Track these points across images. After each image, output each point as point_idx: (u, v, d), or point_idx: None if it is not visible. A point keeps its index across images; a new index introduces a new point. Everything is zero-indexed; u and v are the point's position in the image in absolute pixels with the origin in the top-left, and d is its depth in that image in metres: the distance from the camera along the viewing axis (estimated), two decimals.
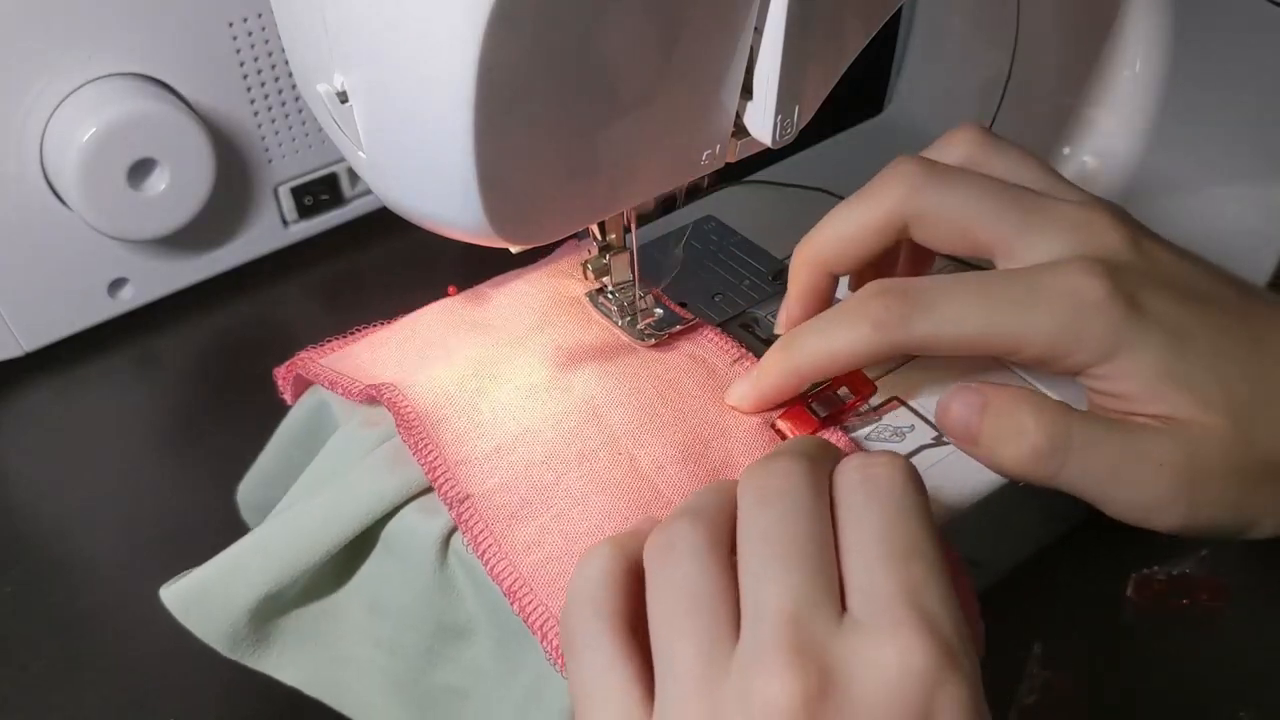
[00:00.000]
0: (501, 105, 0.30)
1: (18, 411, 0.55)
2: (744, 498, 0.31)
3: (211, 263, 0.60)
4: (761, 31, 0.34)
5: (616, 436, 0.39)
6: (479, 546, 0.36)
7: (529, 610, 0.35)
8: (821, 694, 0.27)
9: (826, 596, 0.29)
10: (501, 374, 0.41)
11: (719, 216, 0.51)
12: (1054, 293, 0.35)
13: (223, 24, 0.54)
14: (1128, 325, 0.35)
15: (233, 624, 0.38)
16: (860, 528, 0.30)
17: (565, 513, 0.37)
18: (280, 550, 0.38)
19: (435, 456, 0.38)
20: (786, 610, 0.28)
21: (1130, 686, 0.41)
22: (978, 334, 0.36)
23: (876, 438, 0.40)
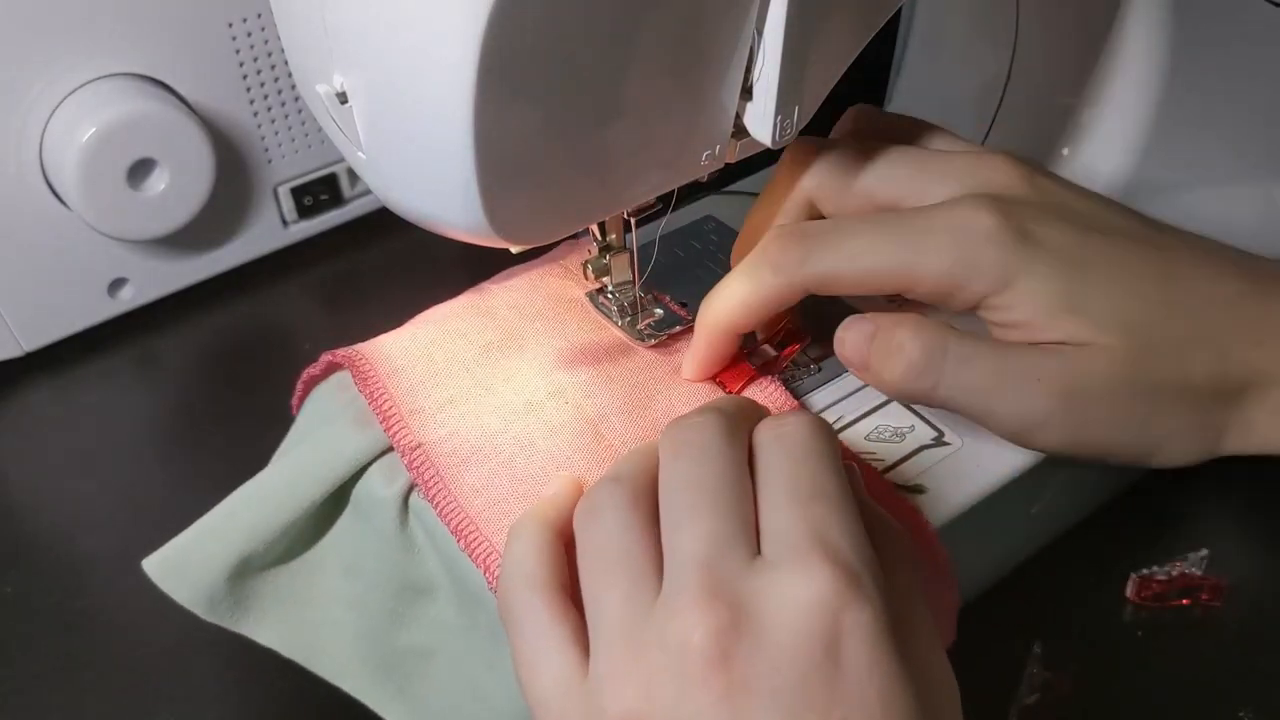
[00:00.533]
0: (501, 106, 0.30)
1: (17, 412, 0.55)
2: (663, 452, 0.33)
3: (211, 263, 0.60)
4: (761, 32, 0.34)
5: (563, 388, 0.40)
6: (429, 491, 0.37)
7: (474, 547, 0.36)
8: (734, 628, 0.28)
9: (740, 540, 0.30)
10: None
11: (719, 216, 0.51)
12: (945, 226, 0.37)
13: (222, 24, 0.54)
14: (1019, 254, 0.36)
15: (210, 586, 0.39)
16: (770, 476, 0.32)
17: (513, 459, 0.38)
18: (253, 512, 0.39)
19: (389, 406, 0.39)
20: (700, 554, 0.29)
21: (1130, 687, 0.41)
22: (873, 269, 0.37)
23: (876, 437, 0.40)
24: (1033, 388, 0.36)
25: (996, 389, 0.37)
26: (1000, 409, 0.37)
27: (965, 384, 0.37)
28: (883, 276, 0.38)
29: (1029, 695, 0.40)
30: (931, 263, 0.37)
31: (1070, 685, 0.41)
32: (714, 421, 0.33)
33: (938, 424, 0.40)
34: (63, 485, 0.51)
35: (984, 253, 0.36)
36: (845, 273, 0.38)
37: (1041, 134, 0.53)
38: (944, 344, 0.37)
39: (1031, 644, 0.41)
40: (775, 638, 0.28)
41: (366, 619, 0.39)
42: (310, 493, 0.38)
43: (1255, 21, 0.47)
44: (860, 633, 0.28)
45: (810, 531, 0.30)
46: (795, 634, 0.28)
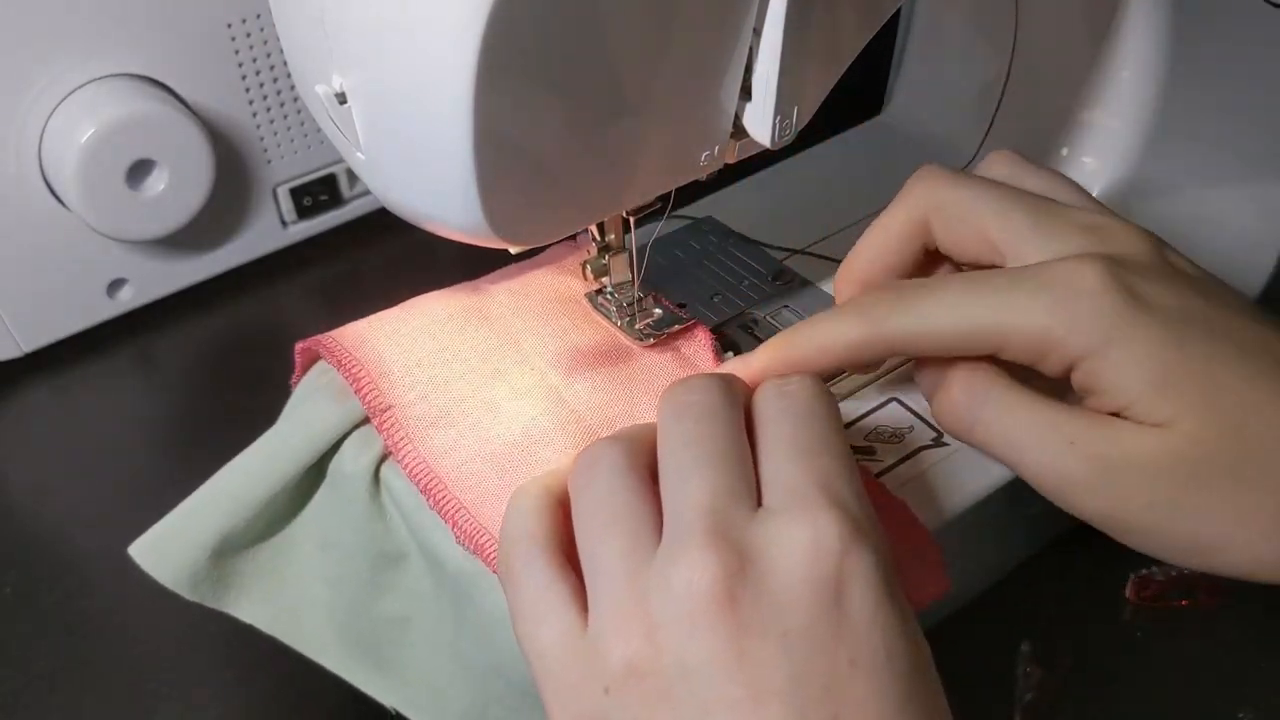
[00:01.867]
0: (500, 106, 0.30)
1: (17, 412, 0.55)
2: (663, 414, 0.33)
3: (210, 263, 0.60)
4: (760, 32, 0.34)
5: (529, 357, 0.41)
6: (399, 453, 0.38)
7: (443, 505, 0.37)
8: (740, 571, 0.28)
9: (742, 491, 0.30)
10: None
11: (718, 217, 0.51)
12: (1044, 281, 0.34)
13: (221, 25, 0.54)
14: (1122, 316, 0.33)
15: (193, 564, 0.39)
16: (773, 432, 0.32)
17: (480, 421, 0.39)
18: (233, 489, 0.39)
19: (359, 370, 0.40)
20: (704, 503, 0.30)
21: (1130, 687, 0.41)
22: (961, 324, 0.35)
23: (876, 438, 0.40)
24: (1064, 448, 0.34)
25: (1030, 442, 0.35)
26: (1030, 463, 0.35)
27: (1000, 432, 0.36)
28: (971, 333, 0.35)
29: (1027, 694, 0.40)
30: (1022, 317, 0.34)
31: (1069, 685, 0.41)
32: (715, 384, 0.33)
33: (937, 424, 0.40)
34: (62, 485, 0.51)
35: (1084, 308, 0.33)
36: (929, 329, 0.36)
37: (1041, 134, 0.53)
38: (988, 390, 0.36)
39: (1030, 643, 0.41)
40: (781, 581, 0.28)
41: (343, 592, 0.40)
42: (288, 467, 0.39)
43: (1255, 21, 0.47)
44: (864, 577, 0.29)
45: (815, 480, 0.30)
46: (801, 577, 0.28)
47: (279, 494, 0.39)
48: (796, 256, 0.49)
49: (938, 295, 0.36)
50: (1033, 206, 0.37)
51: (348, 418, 0.39)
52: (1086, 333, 0.33)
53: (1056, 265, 0.35)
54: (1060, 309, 0.34)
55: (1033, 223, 0.36)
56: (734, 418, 0.32)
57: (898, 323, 0.36)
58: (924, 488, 0.38)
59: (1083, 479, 0.34)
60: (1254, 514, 0.33)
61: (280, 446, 0.39)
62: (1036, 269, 0.35)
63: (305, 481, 0.40)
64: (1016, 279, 0.35)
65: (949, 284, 0.36)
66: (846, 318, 0.37)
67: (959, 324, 0.35)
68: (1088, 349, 0.34)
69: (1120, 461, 0.33)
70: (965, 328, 0.35)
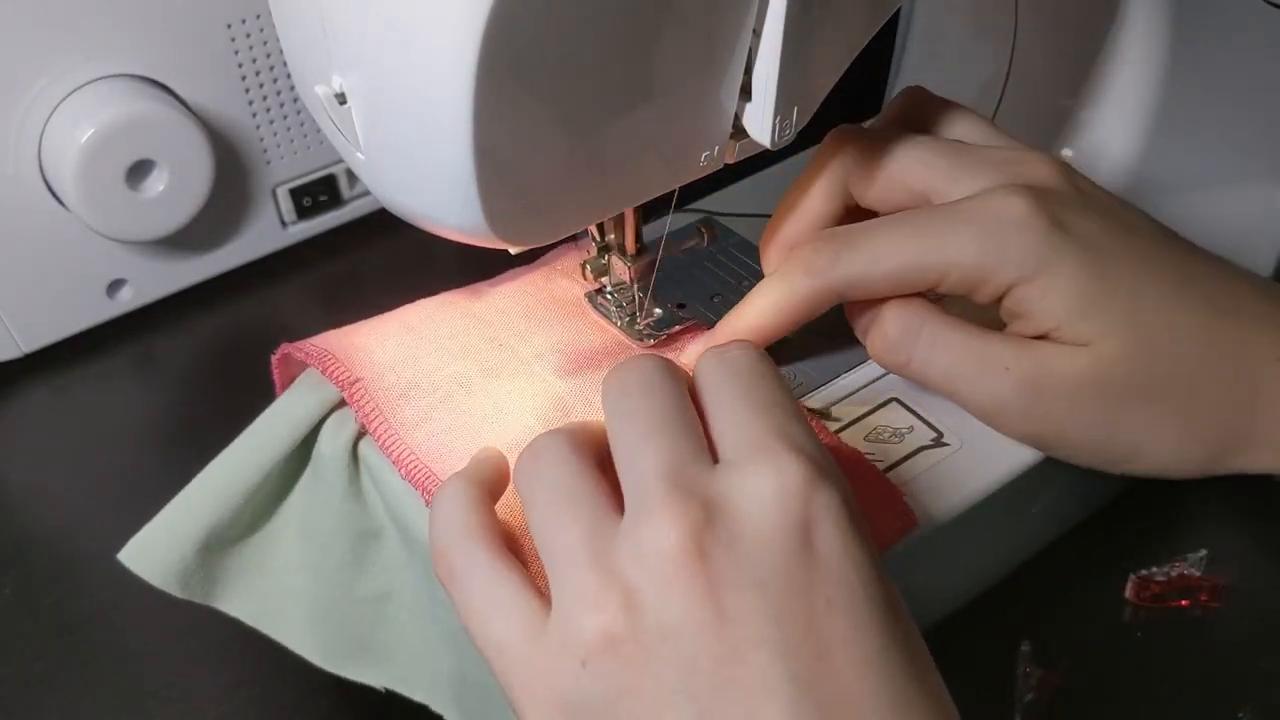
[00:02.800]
0: (500, 107, 0.30)
1: (16, 413, 0.54)
2: (606, 397, 0.33)
3: (210, 264, 0.60)
4: (760, 33, 0.34)
5: (498, 334, 0.41)
6: (370, 425, 0.38)
7: (414, 475, 0.37)
8: (708, 523, 0.28)
9: (697, 451, 0.30)
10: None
11: (717, 217, 0.51)
12: (976, 214, 0.37)
13: (221, 25, 0.54)
14: (1049, 243, 0.36)
15: (181, 562, 0.39)
16: (722, 394, 0.32)
17: (451, 394, 0.39)
18: (216, 484, 0.39)
19: (326, 355, 0.40)
20: (660, 467, 0.29)
21: (1130, 687, 0.41)
22: (904, 264, 0.37)
23: (876, 438, 0.40)
24: (1000, 376, 0.37)
25: (963, 373, 0.37)
26: (965, 391, 0.38)
27: (935, 364, 0.38)
28: (912, 272, 0.37)
29: (1027, 694, 0.40)
30: (959, 251, 0.36)
31: (1069, 686, 0.41)
32: (653, 362, 0.33)
33: (937, 425, 0.40)
34: (62, 485, 0.51)
35: (1013, 240, 0.36)
36: (877, 270, 0.37)
37: (1041, 134, 0.53)
38: (920, 324, 0.38)
39: (1030, 644, 0.41)
40: (750, 529, 0.28)
41: (324, 579, 0.40)
42: (268, 456, 0.39)
43: (1255, 22, 0.47)
44: (831, 516, 0.29)
45: (770, 430, 0.30)
46: (770, 523, 0.28)
47: (261, 485, 0.40)
48: None
49: (876, 239, 0.38)
50: (948, 150, 0.39)
51: (325, 401, 0.40)
52: (1016, 262, 0.36)
53: (985, 198, 0.37)
54: (991, 240, 0.36)
55: (950, 164, 0.39)
56: (676, 388, 0.33)
57: (843, 270, 0.38)
58: (924, 488, 0.38)
59: (1015, 402, 0.37)
60: (1161, 426, 0.36)
61: (259, 439, 0.40)
62: (966, 204, 0.37)
63: (288, 472, 0.40)
64: (949, 215, 0.37)
65: (882, 227, 0.38)
66: (792, 275, 0.38)
67: (901, 264, 0.37)
68: (1018, 277, 0.36)
69: (1049, 383, 0.36)
70: (907, 266, 0.37)
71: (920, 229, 0.37)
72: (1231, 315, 0.37)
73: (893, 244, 0.37)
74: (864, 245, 0.37)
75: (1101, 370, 0.36)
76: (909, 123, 0.42)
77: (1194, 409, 0.37)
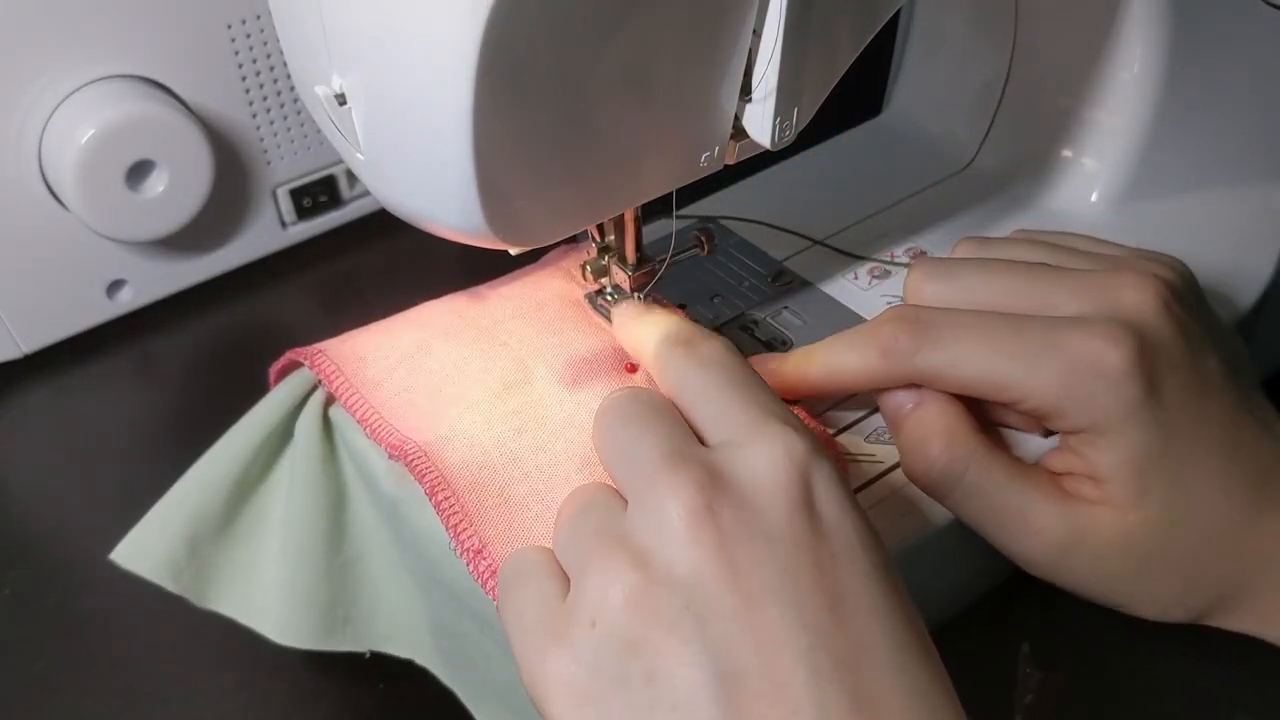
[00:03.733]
0: (500, 107, 0.30)
1: (16, 413, 0.54)
2: (595, 427, 0.34)
3: (210, 264, 0.60)
4: (760, 34, 0.34)
5: (497, 335, 0.42)
6: (331, 384, 0.40)
7: (376, 431, 0.38)
8: (713, 484, 0.29)
9: (690, 436, 0.32)
10: None
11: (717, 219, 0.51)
12: (1071, 353, 0.35)
13: (221, 26, 0.54)
14: (1135, 409, 0.35)
15: (171, 553, 0.40)
16: (699, 381, 0.33)
17: (410, 356, 0.41)
18: (204, 475, 0.41)
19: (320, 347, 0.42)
20: (657, 452, 0.30)
21: (1130, 688, 0.41)
22: (983, 377, 0.36)
23: (876, 439, 0.40)
24: (1031, 537, 0.37)
25: (996, 525, 0.37)
26: (995, 538, 0.38)
27: (971, 509, 0.37)
28: (989, 388, 0.36)
29: (1026, 695, 0.40)
30: (1043, 387, 0.35)
31: (1069, 686, 0.41)
32: (626, 390, 0.34)
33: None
34: (62, 486, 0.51)
35: (1102, 395, 0.35)
36: (952, 375, 0.36)
37: (1041, 134, 0.53)
38: (965, 468, 0.37)
39: (1030, 645, 0.41)
40: (754, 490, 0.29)
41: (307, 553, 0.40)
42: (250, 443, 0.41)
43: (1255, 22, 0.47)
44: (827, 481, 0.30)
45: (762, 411, 0.31)
46: (772, 486, 0.29)
47: (246, 472, 0.41)
48: (796, 257, 0.49)
49: (962, 341, 0.36)
50: (1035, 273, 0.38)
51: (304, 383, 0.41)
52: (1096, 414, 0.35)
53: (1085, 335, 0.35)
54: (1080, 387, 0.35)
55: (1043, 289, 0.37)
56: (659, 398, 0.34)
57: (923, 362, 0.37)
58: None
59: (1041, 561, 0.37)
60: (1162, 591, 0.37)
61: (242, 430, 0.41)
62: (1064, 334, 0.35)
63: (271, 458, 0.41)
64: (1044, 342, 0.35)
65: (977, 328, 0.36)
66: (866, 348, 0.37)
67: (980, 376, 0.36)
68: (1091, 426, 0.35)
69: (1075, 549, 0.36)
70: (986, 381, 0.36)
71: (1009, 347, 0.36)
72: (1270, 500, 0.36)
73: (978, 352, 0.36)
74: (949, 344, 0.36)
75: (1127, 539, 0.36)
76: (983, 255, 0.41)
77: (1195, 587, 0.37)
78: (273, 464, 0.42)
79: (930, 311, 0.37)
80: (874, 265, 0.48)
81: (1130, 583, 0.37)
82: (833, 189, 0.53)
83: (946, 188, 0.53)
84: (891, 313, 0.37)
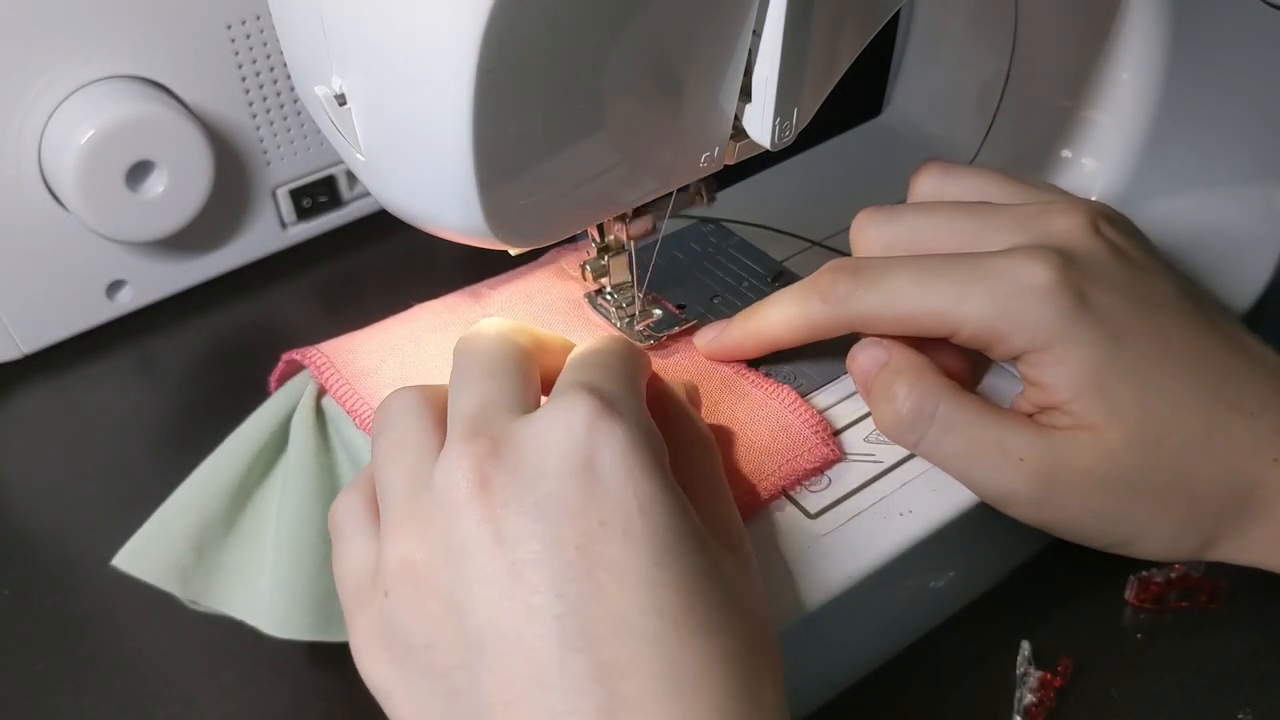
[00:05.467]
0: (500, 107, 0.30)
1: (16, 414, 0.54)
2: (455, 355, 0.35)
3: (210, 265, 0.60)
4: (760, 34, 0.34)
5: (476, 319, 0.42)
6: (321, 375, 0.41)
7: (366, 422, 0.39)
8: (492, 455, 0.30)
9: (513, 402, 0.32)
10: None
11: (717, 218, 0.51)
12: (998, 276, 0.36)
13: (221, 26, 0.54)
14: (1068, 316, 0.36)
15: (178, 559, 0.40)
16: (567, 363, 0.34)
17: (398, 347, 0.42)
18: (207, 479, 0.41)
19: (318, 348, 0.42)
20: (469, 410, 0.31)
21: (1129, 688, 0.41)
22: (917, 311, 0.37)
23: (876, 439, 0.40)
24: (1014, 466, 0.36)
25: (975, 460, 0.37)
26: (978, 480, 0.37)
27: (945, 449, 0.37)
28: (926, 319, 0.37)
29: (1027, 695, 0.40)
30: (975, 311, 0.36)
31: (1069, 687, 0.41)
32: (501, 324, 0.35)
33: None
34: (62, 487, 0.51)
35: (1032, 309, 0.36)
36: (889, 312, 0.37)
37: (1041, 134, 0.53)
38: (934, 408, 0.37)
39: (1030, 645, 0.41)
40: (532, 457, 0.30)
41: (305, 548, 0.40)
42: (252, 446, 0.41)
43: (1255, 23, 0.47)
44: (613, 445, 0.30)
45: (577, 380, 0.32)
46: (551, 452, 0.30)
47: (248, 475, 0.41)
48: (796, 258, 0.49)
49: (895, 279, 0.37)
50: (973, 211, 0.39)
51: (302, 386, 0.42)
52: (1031, 330, 0.36)
53: (1009, 258, 0.36)
54: (1009, 304, 0.36)
55: (979, 225, 0.39)
56: (514, 345, 0.34)
57: (858, 306, 0.38)
58: (924, 488, 0.39)
59: (1026, 495, 0.37)
60: (1162, 517, 0.36)
61: (244, 434, 0.41)
62: (990, 260, 0.37)
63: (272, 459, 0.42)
64: (972, 269, 0.37)
65: (908, 266, 0.38)
66: (809, 298, 0.39)
67: (916, 310, 0.37)
68: (1032, 345, 0.36)
69: (1062, 476, 0.36)
70: (922, 314, 0.37)
71: (941, 278, 0.37)
72: (1238, 408, 0.36)
73: (911, 289, 0.37)
74: (883, 284, 0.37)
75: (1112, 462, 0.36)
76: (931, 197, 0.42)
77: (1193, 504, 0.36)
78: (273, 467, 0.42)
79: (866, 259, 0.39)
80: None
81: (1127, 514, 0.37)
82: (833, 189, 0.53)
83: None
84: (830, 264, 0.39)
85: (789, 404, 0.40)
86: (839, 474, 0.39)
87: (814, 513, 0.38)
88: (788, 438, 0.39)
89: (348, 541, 0.33)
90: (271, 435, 0.41)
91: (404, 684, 0.30)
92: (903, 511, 0.38)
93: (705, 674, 0.28)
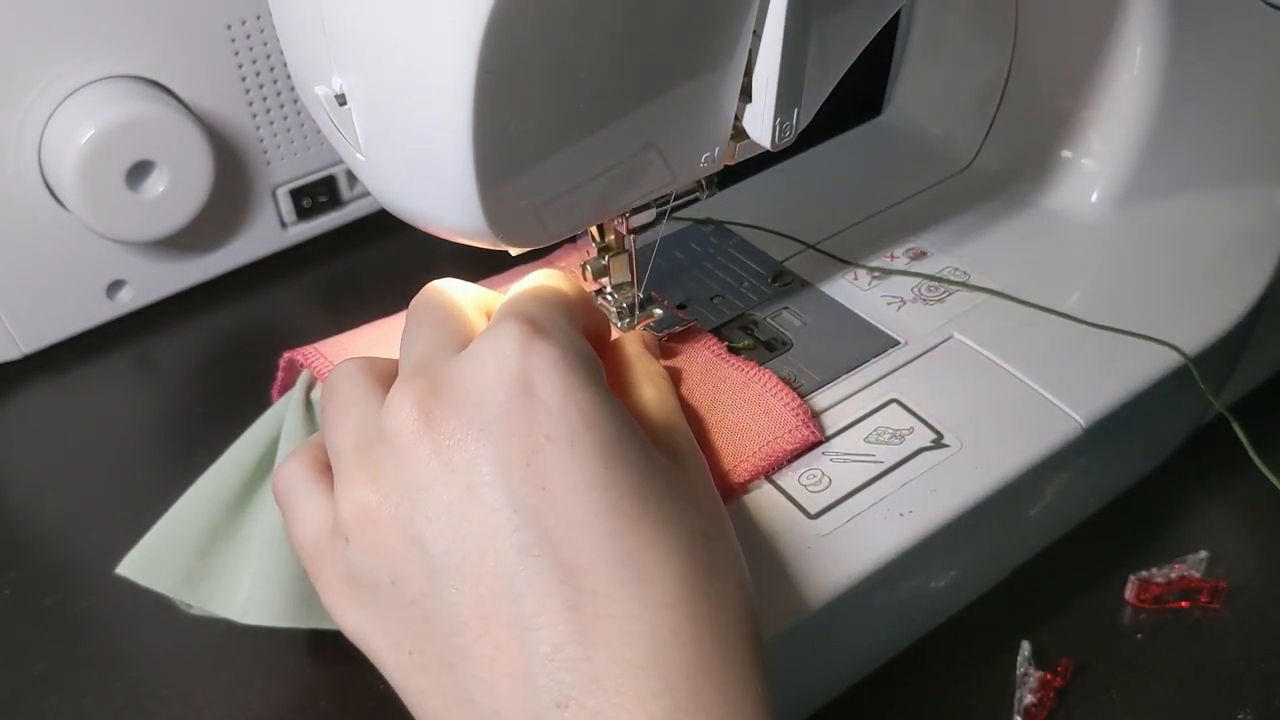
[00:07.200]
0: (500, 107, 0.30)
1: (16, 414, 0.55)
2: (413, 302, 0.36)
3: (210, 265, 0.60)
4: (760, 34, 0.34)
5: None
6: (313, 367, 0.41)
7: None
8: (433, 393, 0.30)
9: (454, 345, 0.33)
10: None
11: (718, 218, 0.51)
12: None
13: (221, 26, 0.54)
14: None
15: (186, 566, 0.40)
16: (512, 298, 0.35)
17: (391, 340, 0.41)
18: (211, 487, 0.41)
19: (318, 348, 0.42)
20: (412, 360, 0.32)
21: (1129, 689, 0.41)
22: None
23: (875, 439, 0.40)
24: None
25: None
26: None
27: None
28: None
29: (1027, 696, 0.40)
30: None
31: (1070, 687, 0.41)
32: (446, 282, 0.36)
33: (937, 426, 0.40)
34: (62, 487, 0.51)
35: None
36: None
37: (1041, 134, 0.52)
38: None
39: (1030, 645, 0.41)
40: (472, 387, 0.30)
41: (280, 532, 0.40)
42: (254, 453, 0.41)
43: (1255, 23, 0.47)
44: (548, 365, 0.31)
45: (510, 310, 0.32)
46: (489, 378, 0.30)
47: (248, 483, 0.41)
48: (796, 257, 0.49)
49: None
50: None
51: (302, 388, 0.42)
52: None
53: None
54: None
55: None
56: (456, 298, 0.35)
57: None
58: (924, 489, 0.38)
59: None
60: None
61: (247, 441, 0.41)
62: None
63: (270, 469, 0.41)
64: None
65: None
66: None
67: None
68: None
69: None
70: None
71: None
72: None
73: None
74: None
75: None
76: None
77: None
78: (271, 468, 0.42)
79: None
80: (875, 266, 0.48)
81: None
82: (833, 189, 0.53)
83: (946, 188, 0.53)
84: None
85: (769, 387, 0.40)
86: (839, 474, 0.39)
87: (814, 513, 0.38)
88: (769, 420, 0.39)
89: (299, 507, 0.33)
90: (273, 442, 0.41)
91: (378, 622, 0.31)
92: (903, 511, 0.38)
93: (662, 559, 0.29)
